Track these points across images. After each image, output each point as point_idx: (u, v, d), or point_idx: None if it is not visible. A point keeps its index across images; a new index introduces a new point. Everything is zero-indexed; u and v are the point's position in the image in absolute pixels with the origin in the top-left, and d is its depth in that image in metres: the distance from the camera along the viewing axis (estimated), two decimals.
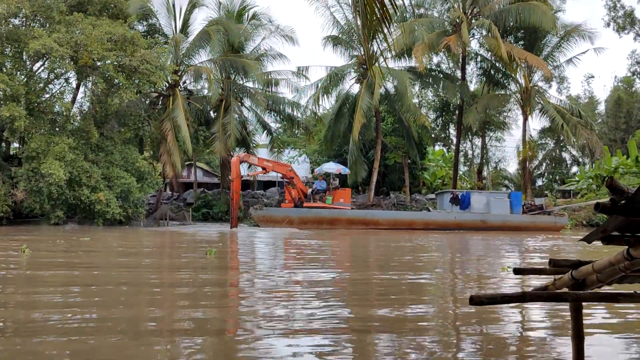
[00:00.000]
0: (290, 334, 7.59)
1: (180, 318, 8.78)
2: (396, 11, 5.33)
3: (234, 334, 7.88)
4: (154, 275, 14.13)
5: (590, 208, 36.70)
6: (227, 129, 38.28)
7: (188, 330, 7.85)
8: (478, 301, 4.53)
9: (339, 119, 44.81)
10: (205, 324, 8.34)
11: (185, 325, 8.18)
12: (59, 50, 29.34)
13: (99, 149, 33.29)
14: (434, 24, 43.38)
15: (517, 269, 5.86)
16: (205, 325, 8.19)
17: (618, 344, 8.25)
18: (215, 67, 39.59)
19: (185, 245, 23.16)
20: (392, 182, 51.10)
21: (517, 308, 10.62)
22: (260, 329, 7.89)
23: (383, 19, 4.88)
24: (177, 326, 8.21)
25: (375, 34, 5.49)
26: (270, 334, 7.49)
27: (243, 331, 7.93)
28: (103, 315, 8.74)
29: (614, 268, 4.27)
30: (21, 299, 10.26)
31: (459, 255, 21.62)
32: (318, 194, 36.74)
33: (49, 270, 14.51)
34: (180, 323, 8.39)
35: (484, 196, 36.42)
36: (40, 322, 8.16)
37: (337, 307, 9.96)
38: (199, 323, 8.30)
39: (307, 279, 13.40)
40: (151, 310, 9.56)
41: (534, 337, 8.92)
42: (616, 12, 42.40)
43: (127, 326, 8.06)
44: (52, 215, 31.08)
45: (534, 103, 43.14)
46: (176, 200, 44.47)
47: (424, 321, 9.16)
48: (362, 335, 7.87)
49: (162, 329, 8.09)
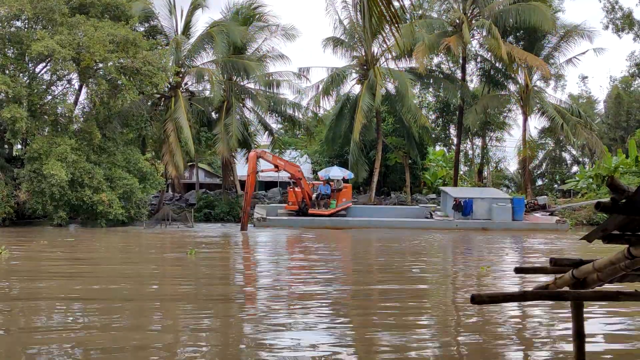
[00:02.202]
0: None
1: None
2: (405, 11, 5.38)
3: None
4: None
5: (591, 207, 36.64)
6: (229, 129, 38.29)
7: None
8: (480, 300, 4.63)
9: (339, 120, 44.86)
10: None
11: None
12: (61, 52, 29.40)
13: (101, 150, 33.33)
14: (434, 25, 43.39)
15: (518, 268, 5.93)
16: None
17: (619, 342, 8.36)
18: (217, 69, 39.62)
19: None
20: (393, 182, 51.12)
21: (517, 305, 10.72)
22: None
23: (391, 19, 4.93)
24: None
25: (379, 34, 5.54)
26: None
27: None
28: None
29: (615, 267, 4.34)
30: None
31: (450, 255, 21.75)
32: (323, 199, 36.78)
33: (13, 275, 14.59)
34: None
35: (486, 202, 36.11)
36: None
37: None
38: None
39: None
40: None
41: (535, 336, 9.03)
42: (614, 14, 42.24)
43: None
44: (54, 217, 31.11)
45: (533, 103, 43.16)
46: (178, 201, 44.48)
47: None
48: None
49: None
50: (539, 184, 62.78)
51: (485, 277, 15.09)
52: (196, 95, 41.98)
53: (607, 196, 24.47)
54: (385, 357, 7.95)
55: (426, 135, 47.89)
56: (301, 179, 36.33)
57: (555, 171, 63.70)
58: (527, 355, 8.03)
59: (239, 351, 8.23)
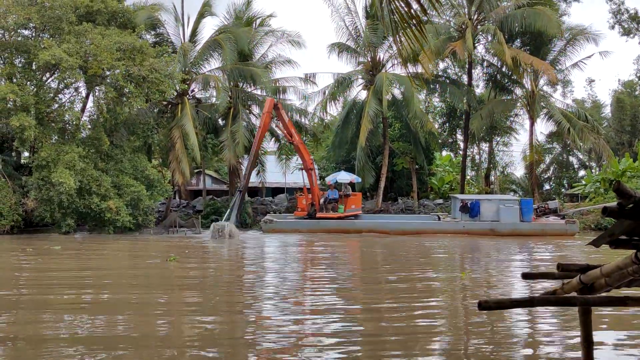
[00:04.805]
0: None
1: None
2: (425, 12, 5.35)
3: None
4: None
5: (599, 212, 36.45)
6: (235, 136, 38.35)
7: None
8: (487, 306, 4.62)
9: (346, 126, 44.91)
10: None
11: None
12: (68, 60, 29.55)
13: (109, 157, 33.48)
14: (439, 30, 43.41)
15: (525, 274, 5.90)
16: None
17: (626, 348, 8.31)
18: (224, 75, 39.73)
19: None
20: (400, 188, 51.08)
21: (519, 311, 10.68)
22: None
23: (412, 19, 4.93)
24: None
25: (397, 34, 5.51)
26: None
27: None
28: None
29: (623, 272, 4.32)
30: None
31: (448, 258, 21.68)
32: (331, 204, 36.85)
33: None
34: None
35: (494, 204, 35.95)
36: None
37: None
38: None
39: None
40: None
41: (543, 341, 9.00)
42: (621, 16, 42.21)
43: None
44: (62, 224, 31.24)
45: (539, 107, 43.07)
46: (185, 208, 44.56)
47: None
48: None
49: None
50: (546, 189, 62.53)
51: (494, 286, 15.04)
52: (203, 102, 42.08)
53: (614, 200, 24.45)
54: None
55: (433, 140, 47.85)
56: (312, 170, 36.51)
57: (563, 175, 63.44)
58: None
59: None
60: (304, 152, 36.91)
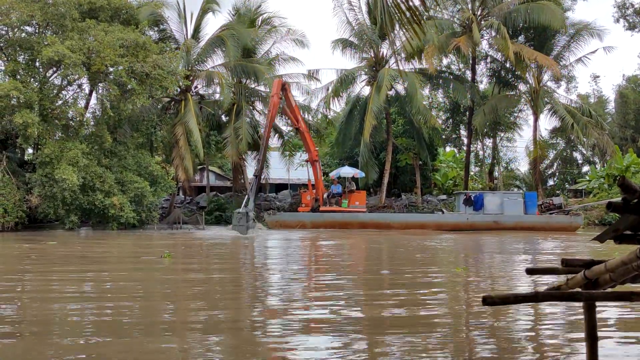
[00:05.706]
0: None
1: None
2: (426, 8, 5.36)
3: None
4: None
5: (603, 207, 36.47)
6: (238, 133, 38.41)
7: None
8: (491, 302, 4.60)
9: (349, 122, 44.93)
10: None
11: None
12: (71, 57, 29.57)
13: (112, 154, 33.53)
14: (443, 26, 43.36)
15: (529, 269, 5.89)
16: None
17: (632, 344, 8.28)
18: (227, 72, 39.74)
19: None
20: (404, 184, 51.08)
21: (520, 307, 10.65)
22: None
23: (412, 17, 4.92)
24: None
25: (397, 29, 5.51)
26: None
27: None
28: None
29: (627, 267, 4.31)
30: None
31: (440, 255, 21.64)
32: (334, 198, 36.93)
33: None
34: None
35: (497, 197, 36.06)
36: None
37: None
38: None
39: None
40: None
41: (547, 336, 8.97)
42: (625, 10, 42.10)
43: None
44: (66, 220, 31.33)
45: (542, 103, 43.02)
46: (189, 204, 44.65)
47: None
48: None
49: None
50: (550, 184, 62.55)
51: (498, 279, 15.01)
52: (206, 98, 42.12)
53: (618, 196, 24.42)
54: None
55: (436, 136, 47.87)
56: (317, 162, 36.62)
57: (567, 171, 63.43)
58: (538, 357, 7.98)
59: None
60: (309, 140, 36.98)
